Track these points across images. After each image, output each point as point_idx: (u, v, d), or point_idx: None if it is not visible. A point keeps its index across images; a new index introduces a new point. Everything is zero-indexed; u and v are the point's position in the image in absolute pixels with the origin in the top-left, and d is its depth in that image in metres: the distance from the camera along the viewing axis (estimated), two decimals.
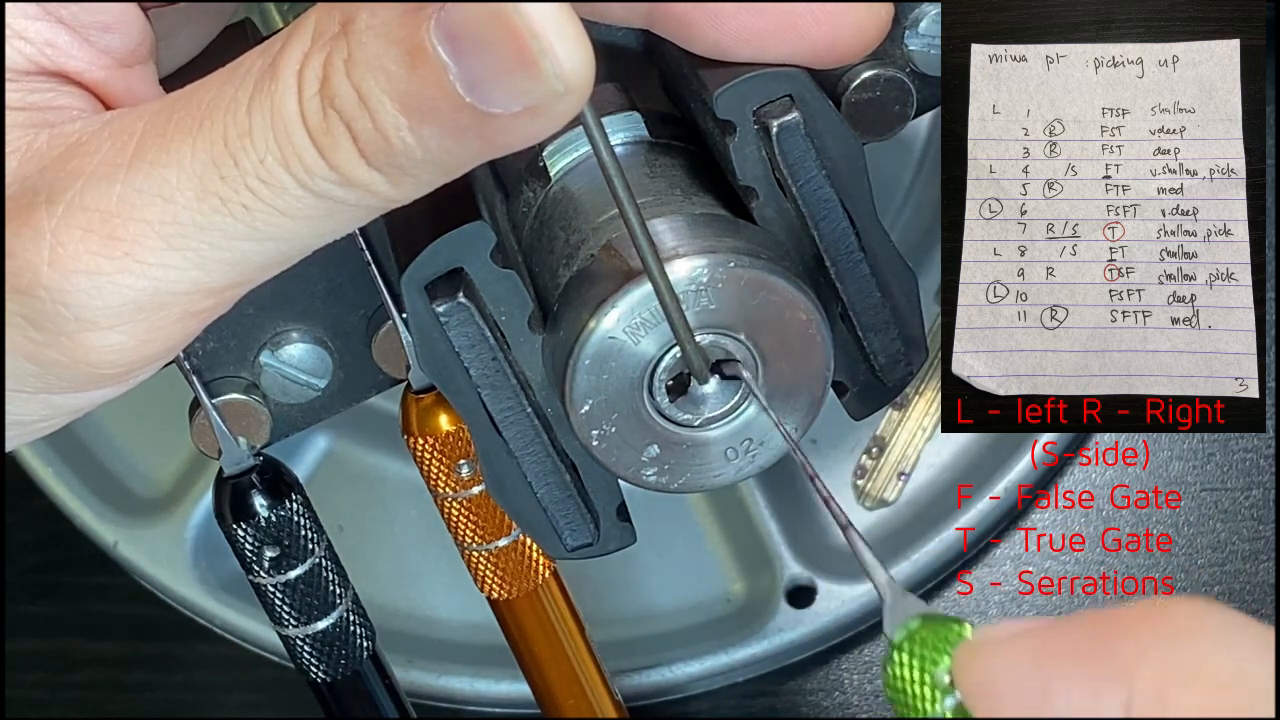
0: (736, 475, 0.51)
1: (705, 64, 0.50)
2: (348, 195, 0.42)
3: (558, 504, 0.53)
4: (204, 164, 0.42)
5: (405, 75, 0.40)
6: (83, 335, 0.44)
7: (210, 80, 0.43)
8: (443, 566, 0.85)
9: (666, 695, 0.86)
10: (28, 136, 0.45)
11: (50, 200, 0.44)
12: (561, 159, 0.53)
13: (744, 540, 0.86)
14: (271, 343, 0.55)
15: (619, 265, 0.48)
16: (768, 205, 0.51)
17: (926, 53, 0.52)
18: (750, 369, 0.49)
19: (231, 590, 0.85)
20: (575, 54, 0.40)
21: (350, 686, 0.62)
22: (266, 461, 0.58)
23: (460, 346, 0.50)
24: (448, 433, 0.58)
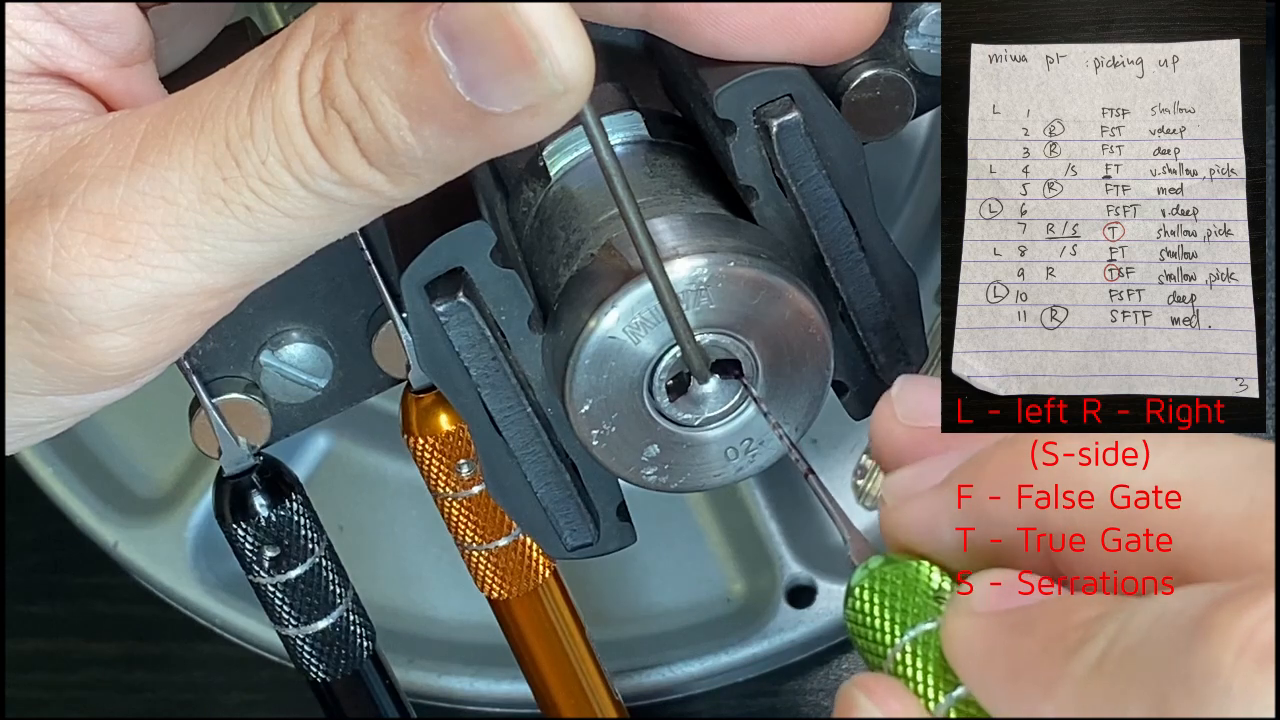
0: (736, 475, 0.51)
1: (705, 63, 0.50)
2: (349, 195, 0.42)
3: (558, 504, 0.53)
4: (206, 165, 0.42)
5: (405, 75, 0.40)
6: (87, 338, 0.44)
7: (211, 81, 0.44)
8: (443, 566, 0.85)
9: (666, 695, 0.86)
10: (29, 139, 0.45)
11: (53, 203, 0.44)
12: (561, 158, 0.53)
13: (744, 540, 0.86)
14: (271, 343, 0.55)
15: (619, 265, 0.48)
16: (768, 205, 0.51)
17: (926, 53, 0.52)
18: (750, 369, 0.49)
19: (231, 590, 0.85)
20: (574, 53, 0.40)
21: (350, 686, 0.62)
22: (266, 461, 0.58)
23: (460, 346, 0.50)
24: (448, 433, 0.58)
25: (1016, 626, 0.38)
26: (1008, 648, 0.38)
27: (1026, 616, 0.38)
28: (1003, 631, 0.38)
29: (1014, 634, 0.38)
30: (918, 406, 0.45)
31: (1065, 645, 0.37)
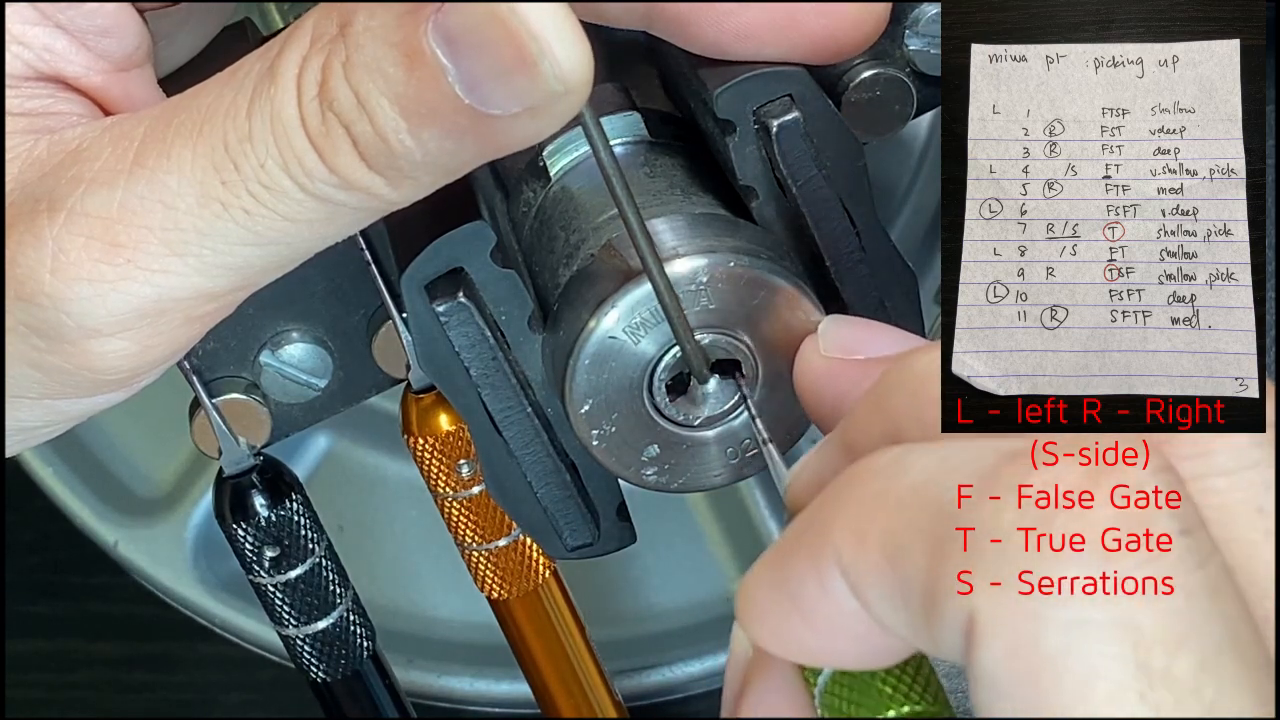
0: (736, 475, 0.51)
1: (705, 63, 0.50)
2: (348, 198, 0.42)
3: (558, 504, 0.52)
4: (204, 169, 0.42)
5: (404, 78, 0.40)
6: (86, 342, 0.44)
7: (209, 84, 0.43)
8: (443, 566, 0.85)
9: (666, 695, 0.86)
10: (27, 143, 0.45)
11: (52, 208, 0.44)
12: (561, 159, 0.53)
13: (744, 540, 0.86)
14: (271, 343, 0.55)
15: (619, 265, 0.48)
16: (768, 205, 0.51)
17: (926, 53, 0.52)
18: (750, 369, 0.49)
19: (231, 590, 0.85)
20: (574, 54, 0.40)
21: (350, 686, 0.62)
22: (266, 461, 0.58)
23: (460, 346, 0.50)
24: (448, 433, 0.58)
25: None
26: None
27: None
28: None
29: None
30: (839, 340, 0.46)
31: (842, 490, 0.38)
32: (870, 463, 0.38)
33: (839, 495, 0.38)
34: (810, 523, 0.38)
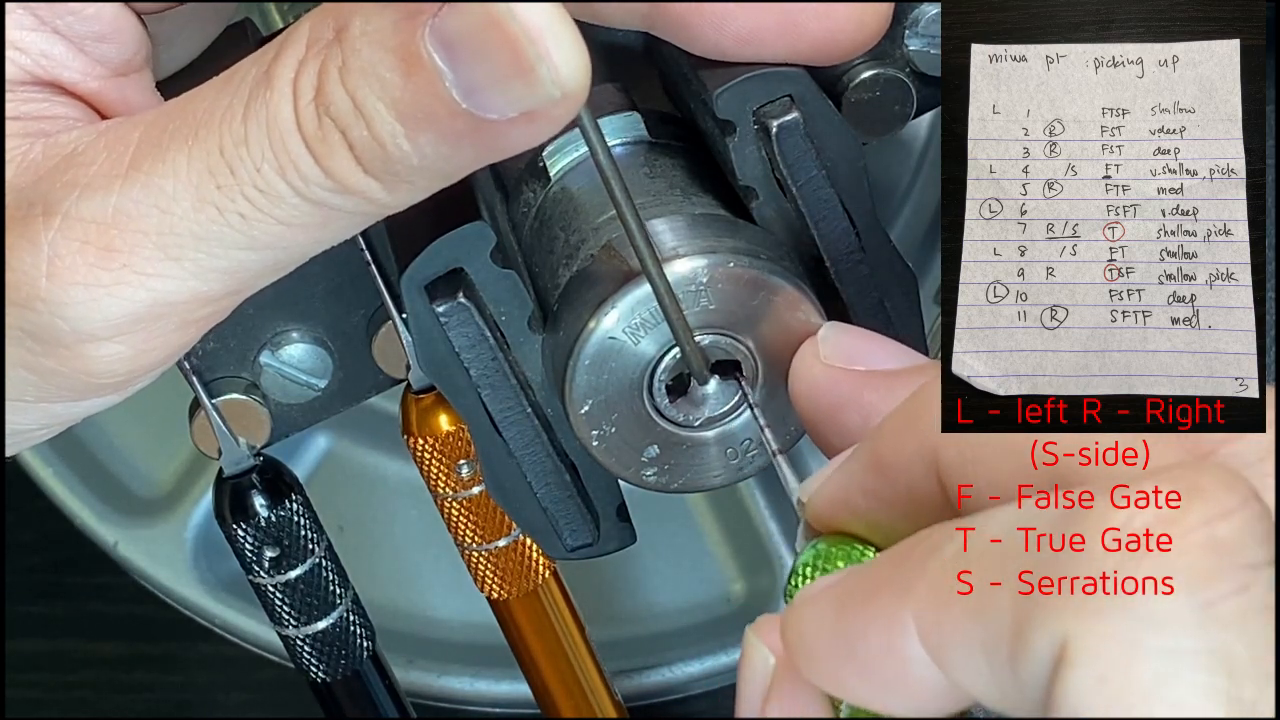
0: (736, 475, 0.51)
1: (705, 64, 0.50)
2: (344, 203, 0.42)
3: (558, 504, 0.53)
4: (200, 173, 0.42)
5: (400, 82, 0.40)
6: (81, 347, 0.44)
7: (205, 89, 0.43)
8: (443, 566, 0.85)
9: (666, 695, 0.86)
10: (23, 146, 0.45)
11: (47, 212, 0.44)
12: (561, 159, 0.53)
13: (744, 540, 0.86)
14: (271, 343, 0.55)
15: (619, 265, 0.48)
16: (768, 205, 0.51)
17: (926, 53, 0.52)
18: (750, 369, 0.49)
19: (231, 590, 0.85)
20: (572, 59, 0.39)
21: (350, 686, 0.62)
22: (266, 461, 0.58)
23: (460, 346, 0.50)
24: (448, 433, 0.58)
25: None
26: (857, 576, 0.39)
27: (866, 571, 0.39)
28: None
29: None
30: (841, 349, 0.46)
31: (919, 553, 0.37)
32: (944, 527, 0.37)
33: (915, 558, 0.37)
34: (885, 584, 0.37)
